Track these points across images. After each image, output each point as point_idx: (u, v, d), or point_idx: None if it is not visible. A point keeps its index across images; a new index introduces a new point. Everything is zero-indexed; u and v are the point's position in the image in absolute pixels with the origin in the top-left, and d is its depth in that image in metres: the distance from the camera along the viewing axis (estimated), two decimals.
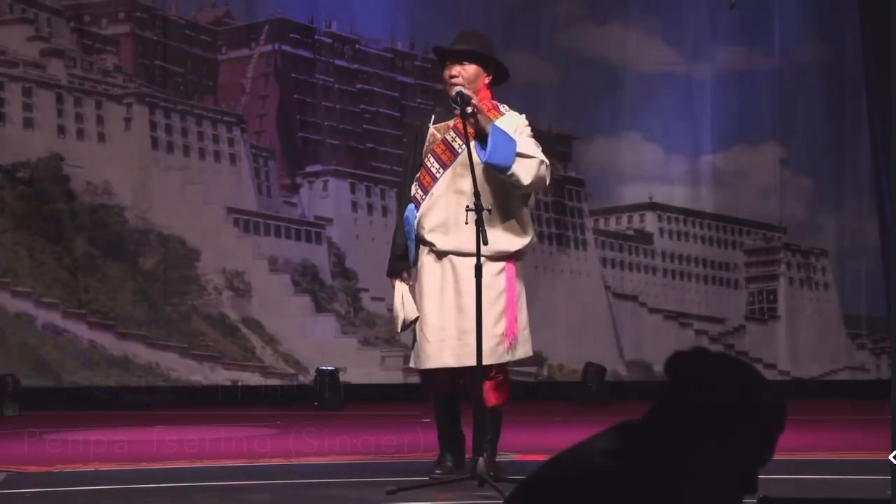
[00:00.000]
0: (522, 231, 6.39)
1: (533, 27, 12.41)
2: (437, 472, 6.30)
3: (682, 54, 12.66)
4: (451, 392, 6.43)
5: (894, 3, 4.77)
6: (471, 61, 6.42)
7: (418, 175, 6.43)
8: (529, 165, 6.20)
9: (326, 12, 12.18)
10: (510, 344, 6.32)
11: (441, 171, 6.36)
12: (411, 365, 6.56)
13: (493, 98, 6.51)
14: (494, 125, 6.21)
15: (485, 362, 6.12)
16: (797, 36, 12.76)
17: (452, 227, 6.31)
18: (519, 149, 6.19)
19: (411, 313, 6.37)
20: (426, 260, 6.36)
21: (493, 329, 6.24)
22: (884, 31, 10.30)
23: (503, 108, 6.45)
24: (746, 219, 12.82)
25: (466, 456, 6.43)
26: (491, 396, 6.26)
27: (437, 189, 6.34)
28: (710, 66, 12.68)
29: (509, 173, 6.16)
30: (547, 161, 6.31)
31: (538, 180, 6.26)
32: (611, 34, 12.60)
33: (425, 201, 6.37)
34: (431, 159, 6.40)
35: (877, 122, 12.10)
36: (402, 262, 6.42)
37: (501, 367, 6.28)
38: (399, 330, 6.46)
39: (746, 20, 12.69)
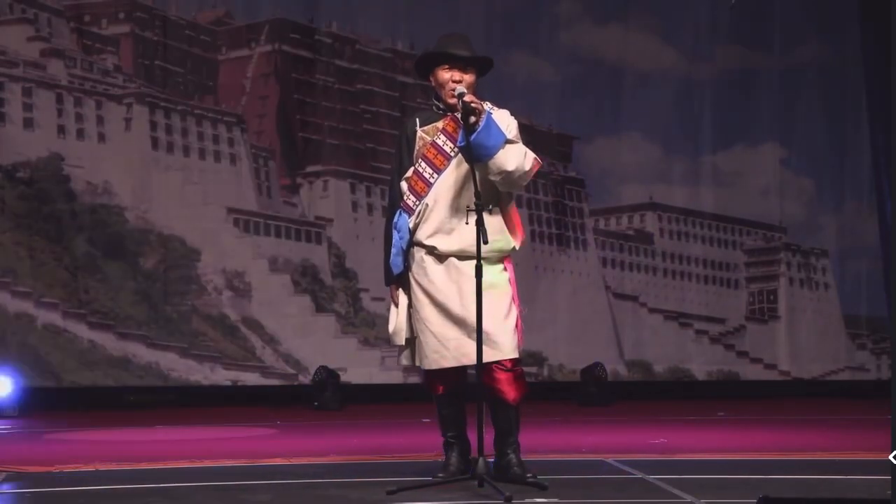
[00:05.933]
0: (515, 229, 6.38)
1: (533, 27, 12.42)
2: (440, 475, 6.27)
3: (682, 54, 12.67)
4: (454, 393, 6.40)
5: (894, 3, 4.77)
6: (474, 68, 6.37)
7: (409, 180, 6.36)
8: (516, 151, 6.17)
9: (326, 12, 12.19)
10: (519, 339, 6.31)
11: (435, 176, 6.30)
12: (405, 362, 6.52)
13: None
14: (489, 114, 6.17)
15: (503, 356, 6.14)
16: (797, 36, 12.76)
17: (453, 229, 6.28)
18: (509, 135, 6.17)
19: (410, 332, 6.37)
20: (427, 261, 6.32)
21: (506, 322, 6.23)
22: (884, 31, 10.29)
23: (486, 104, 6.42)
24: (746, 219, 12.82)
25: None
26: (511, 390, 6.21)
27: (432, 195, 6.26)
28: (710, 66, 12.69)
29: (496, 156, 6.09)
30: (534, 157, 6.25)
31: (520, 174, 6.17)
32: (611, 34, 12.61)
33: (419, 207, 6.30)
34: (423, 164, 6.33)
35: (877, 122, 12.09)
36: (402, 274, 6.37)
37: (517, 360, 6.27)
38: (401, 343, 6.42)
39: (746, 20, 12.69)
